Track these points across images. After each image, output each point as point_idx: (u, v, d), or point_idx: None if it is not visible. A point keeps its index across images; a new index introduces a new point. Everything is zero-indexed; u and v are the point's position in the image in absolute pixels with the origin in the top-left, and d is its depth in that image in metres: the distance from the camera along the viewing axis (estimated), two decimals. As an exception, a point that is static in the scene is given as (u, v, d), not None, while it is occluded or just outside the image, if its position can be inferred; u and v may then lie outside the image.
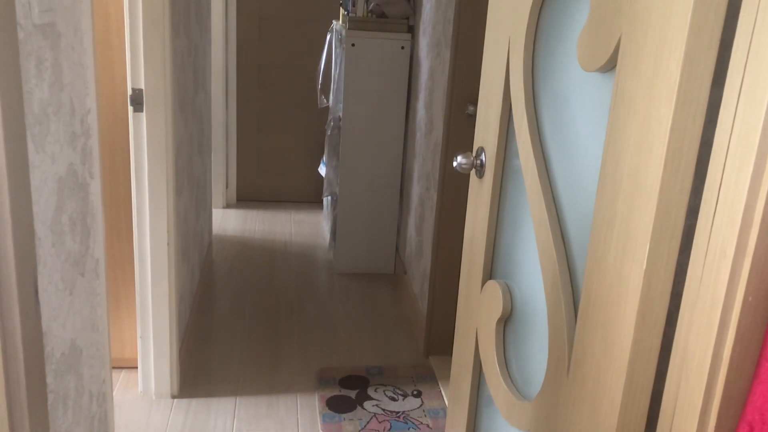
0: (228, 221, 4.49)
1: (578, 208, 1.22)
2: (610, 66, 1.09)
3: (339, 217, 3.72)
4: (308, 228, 4.46)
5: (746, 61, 0.80)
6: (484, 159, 1.66)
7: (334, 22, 4.18)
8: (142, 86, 2.17)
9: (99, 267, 1.40)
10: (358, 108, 3.55)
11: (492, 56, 1.60)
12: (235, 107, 4.68)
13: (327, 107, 4.35)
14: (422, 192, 3.20)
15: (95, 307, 1.39)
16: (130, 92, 2.18)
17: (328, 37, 4.18)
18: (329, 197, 4.00)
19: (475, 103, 2.58)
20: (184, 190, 2.66)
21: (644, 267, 0.96)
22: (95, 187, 1.33)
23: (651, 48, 0.95)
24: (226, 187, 4.80)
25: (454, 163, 1.68)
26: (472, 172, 1.71)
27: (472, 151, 2.25)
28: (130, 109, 2.20)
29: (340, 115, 3.68)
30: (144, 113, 2.20)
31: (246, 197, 4.89)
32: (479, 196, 1.67)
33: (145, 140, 2.22)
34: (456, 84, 2.59)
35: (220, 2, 4.35)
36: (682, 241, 0.95)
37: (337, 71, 3.78)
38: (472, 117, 2.60)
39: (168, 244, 2.32)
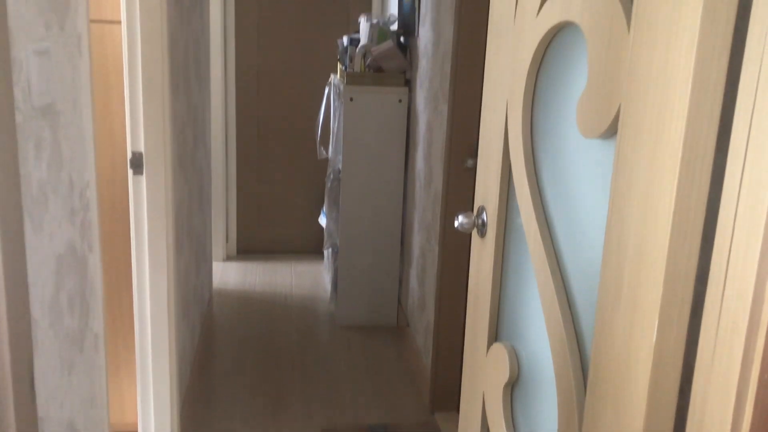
0: (228, 274, 4.46)
1: (584, 272, 1.21)
2: (610, 134, 1.08)
3: (340, 268, 3.70)
4: (309, 279, 4.43)
5: (749, 128, 0.79)
6: (485, 218, 1.65)
7: (332, 75, 4.23)
8: (142, 149, 2.18)
9: (98, 341, 1.38)
10: (358, 160, 3.56)
11: (490, 116, 1.61)
12: (235, 159, 4.70)
13: (326, 159, 4.37)
14: (423, 243, 3.19)
15: (94, 381, 1.37)
16: (129, 156, 2.19)
17: (327, 90, 4.22)
18: (330, 249, 3.98)
19: (473, 156, 2.59)
20: (184, 249, 2.65)
21: (654, 340, 0.94)
22: (94, 261, 1.32)
23: (651, 118, 0.95)
24: (227, 240, 4.78)
25: (456, 223, 1.67)
26: (474, 231, 1.69)
27: (472, 208, 2.25)
28: (130, 172, 2.20)
29: (340, 167, 3.69)
30: (144, 176, 2.20)
31: (246, 249, 4.88)
32: (482, 255, 1.66)
33: (145, 202, 2.21)
34: (454, 137, 2.60)
35: (219, 58, 4.41)
36: (692, 312, 0.94)
37: (336, 124, 3.80)
38: (471, 170, 2.60)
39: (168, 306, 2.29)
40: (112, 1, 2.26)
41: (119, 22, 2.19)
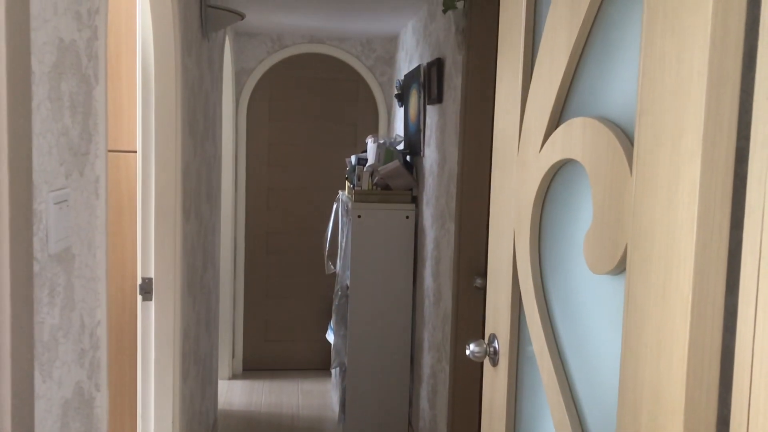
0: (234, 394, 4.37)
1: (599, 404, 1.18)
2: (618, 270, 1.09)
3: (348, 388, 3.62)
4: (316, 399, 4.32)
5: (758, 268, 0.79)
6: (497, 346, 1.63)
7: (340, 192, 4.32)
8: (152, 275, 2.20)
9: (101, 482, 1.34)
10: (366, 276, 3.57)
11: (498, 243, 1.62)
12: (243, 274, 4.72)
13: (334, 273, 4.38)
14: (434, 363, 3.13)
15: None
16: (139, 281, 2.20)
17: (335, 206, 4.30)
18: (337, 368, 3.91)
19: (482, 275, 2.59)
20: (189, 374, 2.61)
21: (678, 491, 0.90)
22: (101, 400, 1.30)
23: (659, 259, 0.95)
24: (232, 357, 4.72)
25: (467, 352, 1.65)
26: (486, 359, 1.67)
27: (482, 329, 2.21)
28: (139, 297, 2.21)
29: (348, 283, 3.69)
30: (153, 302, 2.20)
31: (252, 366, 4.79)
32: (495, 385, 1.62)
33: (153, 328, 2.20)
34: (462, 257, 2.62)
35: (230, 175, 4.53)
36: (716, 460, 0.90)
37: (344, 240, 3.84)
38: (481, 289, 2.60)
39: (172, 435, 2.23)
40: (128, 132, 2.35)
41: (134, 152, 2.27)
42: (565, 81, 1.29)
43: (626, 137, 1.08)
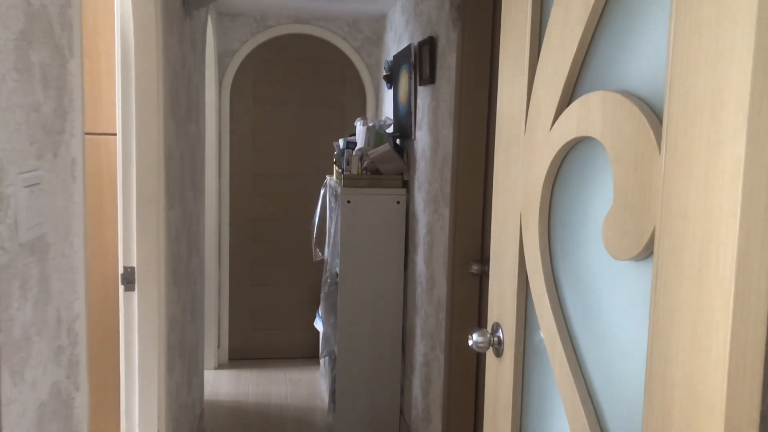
0: (220, 384, 4.27)
1: (619, 400, 1.10)
2: (644, 256, 1.00)
3: (338, 377, 3.54)
4: (305, 388, 4.24)
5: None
6: (501, 336, 1.55)
7: (328, 177, 4.21)
8: (134, 264, 2.09)
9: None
10: (356, 263, 3.48)
11: (502, 229, 1.54)
12: (228, 262, 4.60)
13: (322, 260, 4.29)
14: (427, 351, 3.06)
15: None
16: (121, 271, 2.09)
17: (322, 191, 4.20)
18: (326, 357, 3.82)
19: (478, 261, 2.51)
20: (175, 366, 2.51)
21: (719, 497, 0.82)
22: (81, 400, 1.20)
23: (694, 243, 0.87)
24: (218, 346, 4.61)
25: (470, 342, 1.57)
26: (490, 350, 1.59)
27: (479, 317, 2.13)
28: (121, 288, 2.10)
29: (337, 270, 3.60)
30: (135, 292, 2.10)
31: (239, 355, 4.70)
32: (499, 377, 1.54)
33: (136, 320, 2.10)
34: (457, 243, 2.53)
35: (214, 161, 4.40)
36: (760, 464, 0.83)
37: (333, 226, 3.74)
38: (477, 275, 2.52)
39: (158, 430, 2.14)
40: (107, 114, 2.23)
41: (114, 134, 2.15)
42: (580, 51, 1.20)
43: (653, 112, 0.99)
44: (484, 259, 2.51)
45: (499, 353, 1.55)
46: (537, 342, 1.44)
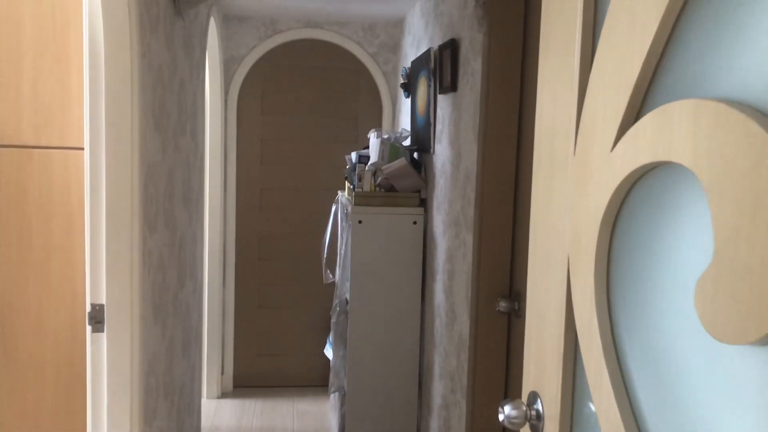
0: (222, 415, 3.96)
1: None
2: (766, 342, 0.67)
3: (348, 415, 3.21)
4: (312, 422, 3.91)
5: None
6: (540, 408, 1.22)
7: (340, 193, 3.90)
8: (103, 301, 1.78)
9: None
10: (367, 290, 3.15)
11: (542, 276, 1.21)
12: (233, 283, 4.30)
13: (333, 282, 3.97)
14: (446, 393, 2.72)
15: None
16: (88, 308, 1.79)
17: (333, 208, 3.89)
18: (336, 392, 3.50)
19: (506, 297, 2.18)
20: (158, 412, 2.20)
21: None
22: None
23: None
24: (221, 374, 4.31)
25: (501, 417, 1.24)
26: (526, 426, 1.26)
27: (506, 370, 1.80)
28: (88, 329, 1.80)
29: (347, 297, 3.28)
30: (105, 333, 1.79)
31: (243, 383, 4.39)
32: (539, 464, 1.21)
33: (105, 366, 1.79)
34: (482, 275, 2.20)
35: (219, 174, 4.11)
36: None
37: (344, 247, 3.43)
38: (505, 314, 2.19)
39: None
40: (78, 125, 1.93)
41: (82, 149, 1.86)
42: (657, 45, 0.88)
43: (781, 128, 0.66)
44: (513, 295, 2.18)
45: (538, 430, 1.22)
46: (586, 415, 1.11)
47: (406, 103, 3.80)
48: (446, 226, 2.77)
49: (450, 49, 2.61)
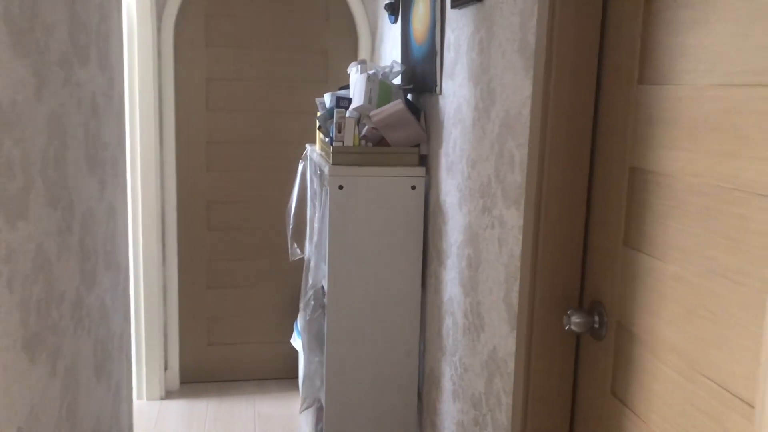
0: (166, 422, 3.19)
1: None
2: None
3: (326, 435, 2.48)
4: (278, 428, 3.18)
5: None
6: None
7: (309, 147, 3.09)
8: None
9: None
10: (351, 275, 2.39)
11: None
12: (176, 258, 3.48)
13: (301, 259, 3.20)
14: (466, 420, 2.00)
15: None
16: None
17: (301, 166, 3.08)
18: (308, 407, 2.75)
19: (577, 310, 1.44)
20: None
21: None
22: None
23: None
24: (165, 369, 3.52)
25: None
26: None
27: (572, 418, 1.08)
28: None
29: (324, 285, 2.51)
30: None
31: (192, 378, 3.62)
32: None
33: None
34: (544, 275, 1.45)
35: (152, 126, 3.25)
36: None
37: (318, 221, 2.65)
38: (575, 333, 1.45)
39: None
40: None
41: None
42: None
43: None
44: (585, 307, 1.44)
45: None
46: None
47: (391, 30, 2.98)
48: (465, 196, 2.01)
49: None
